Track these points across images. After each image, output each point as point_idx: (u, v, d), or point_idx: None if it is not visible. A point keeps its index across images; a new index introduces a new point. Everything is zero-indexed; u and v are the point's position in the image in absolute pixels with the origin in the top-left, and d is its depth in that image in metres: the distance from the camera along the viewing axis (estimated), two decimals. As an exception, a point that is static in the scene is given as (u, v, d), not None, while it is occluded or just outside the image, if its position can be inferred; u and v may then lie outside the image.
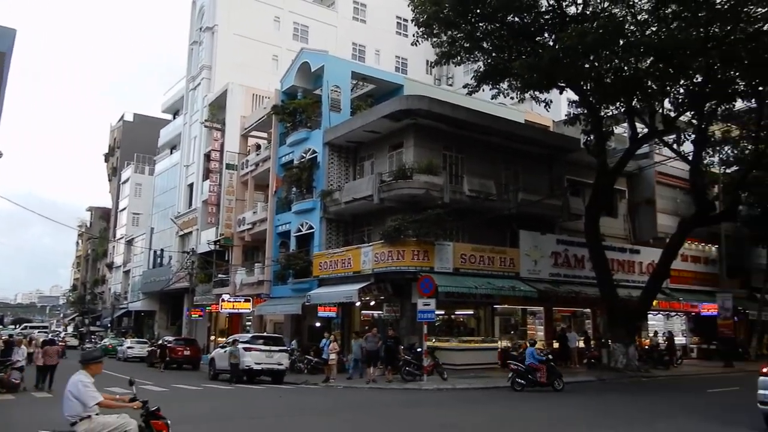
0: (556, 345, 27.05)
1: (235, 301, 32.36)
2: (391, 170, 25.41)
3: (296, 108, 31.13)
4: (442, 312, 24.74)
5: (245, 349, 22.36)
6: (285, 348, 23.88)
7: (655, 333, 31.02)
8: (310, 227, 28.88)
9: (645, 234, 32.24)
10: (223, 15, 41.86)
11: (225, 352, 23.91)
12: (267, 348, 22.68)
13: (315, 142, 29.28)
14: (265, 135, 35.98)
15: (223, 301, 32.66)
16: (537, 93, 24.64)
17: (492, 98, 27.77)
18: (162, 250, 48.03)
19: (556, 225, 28.60)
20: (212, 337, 37.97)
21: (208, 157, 39.52)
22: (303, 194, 29.49)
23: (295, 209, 29.71)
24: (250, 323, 33.51)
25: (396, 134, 26.30)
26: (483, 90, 26.05)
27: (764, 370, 12.49)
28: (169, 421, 7.16)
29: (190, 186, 44.09)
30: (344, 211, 27.65)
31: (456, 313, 26.47)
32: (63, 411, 6.79)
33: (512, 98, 26.26)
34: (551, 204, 27.14)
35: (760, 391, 12.22)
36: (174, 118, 54.95)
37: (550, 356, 22.54)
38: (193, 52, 46.03)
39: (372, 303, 26.09)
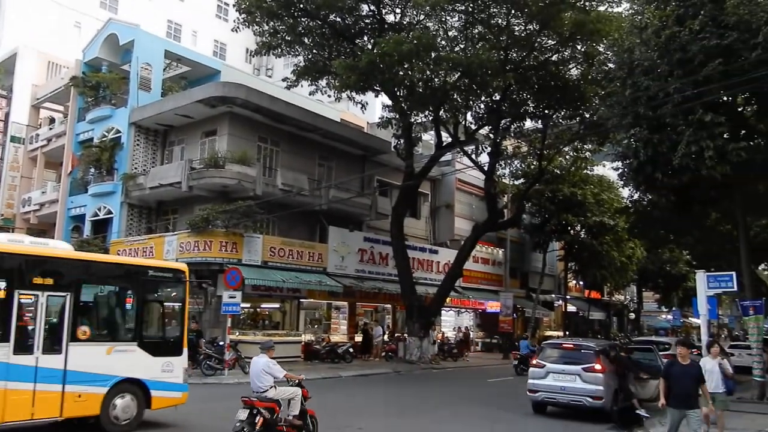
0: (358, 338, 28.08)
1: (14, 290, 28.92)
2: (202, 157, 24.54)
3: (100, 82, 28.75)
4: (248, 305, 24.45)
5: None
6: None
7: (456, 328, 33.68)
8: (109, 212, 26.84)
9: (443, 236, 34.72)
10: (16, -32, 37.11)
11: None
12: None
13: (120, 121, 27.24)
14: (61, 108, 32.69)
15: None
16: (354, 94, 25.36)
17: (310, 94, 28.09)
18: None
19: (364, 223, 29.69)
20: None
21: (-12, 126, 34.88)
22: (103, 176, 27.28)
23: (92, 191, 27.40)
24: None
25: (210, 121, 25.45)
26: (302, 85, 26.22)
27: (534, 362, 14.27)
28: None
29: (-36, 157, 38.57)
30: (149, 197, 26.14)
31: (262, 306, 26.30)
32: (255, 383, 9.35)
33: (329, 96, 26.76)
34: (361, 202, 28.15)
35: (530, 381, 13.96)
36: (-54, 77, 47.62)
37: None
38: (-24, 6, 40.27)
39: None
